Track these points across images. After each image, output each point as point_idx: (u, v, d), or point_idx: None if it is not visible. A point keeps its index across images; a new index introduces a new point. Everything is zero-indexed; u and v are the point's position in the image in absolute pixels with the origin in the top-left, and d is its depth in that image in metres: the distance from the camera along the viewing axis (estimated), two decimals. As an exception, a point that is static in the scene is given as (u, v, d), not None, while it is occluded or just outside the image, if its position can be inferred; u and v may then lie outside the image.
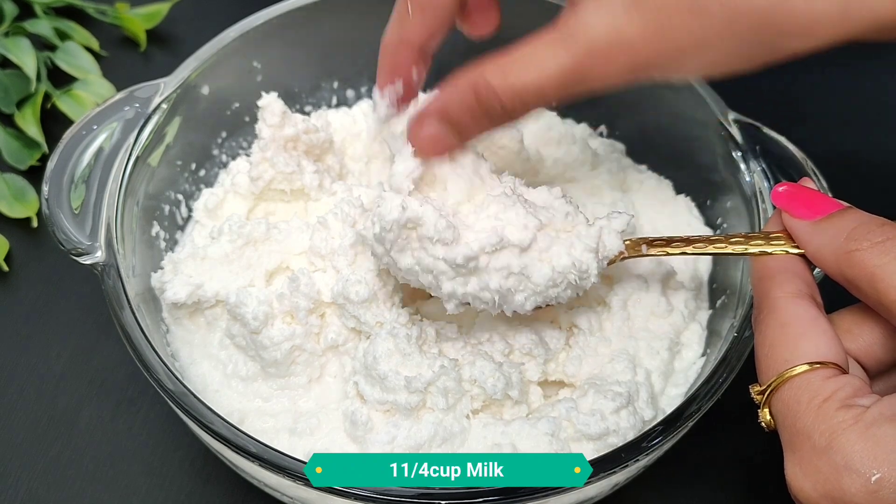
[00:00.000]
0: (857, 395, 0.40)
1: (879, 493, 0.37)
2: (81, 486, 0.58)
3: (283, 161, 0.58)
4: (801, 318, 0.43)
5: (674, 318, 0.57)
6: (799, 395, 0.41)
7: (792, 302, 0.43)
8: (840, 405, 0.39)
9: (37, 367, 0.63)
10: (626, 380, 0.53)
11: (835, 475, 0.38)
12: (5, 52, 0.72)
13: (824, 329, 0.42)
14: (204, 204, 0.62)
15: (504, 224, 0.47)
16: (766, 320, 0.44)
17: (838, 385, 0.40)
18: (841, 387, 0.40)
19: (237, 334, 0.54)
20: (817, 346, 0.42)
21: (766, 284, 0.45)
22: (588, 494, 0.50)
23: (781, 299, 0.44)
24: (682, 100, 0.61)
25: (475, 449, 0.51)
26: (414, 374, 0.51)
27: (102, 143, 0.56)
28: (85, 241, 0.53)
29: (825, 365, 0.41)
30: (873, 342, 0.44)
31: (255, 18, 0.63)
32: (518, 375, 0.53)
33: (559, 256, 0.48)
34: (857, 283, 0.41)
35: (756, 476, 0.60)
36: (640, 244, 0.51)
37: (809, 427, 0.40)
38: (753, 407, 0.59)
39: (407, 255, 0.48)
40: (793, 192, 0.46)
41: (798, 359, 0.41)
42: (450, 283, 0.48)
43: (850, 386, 0.40)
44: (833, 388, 0.40)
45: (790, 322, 0.43)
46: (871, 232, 0.41)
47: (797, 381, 0.41)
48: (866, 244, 0.41)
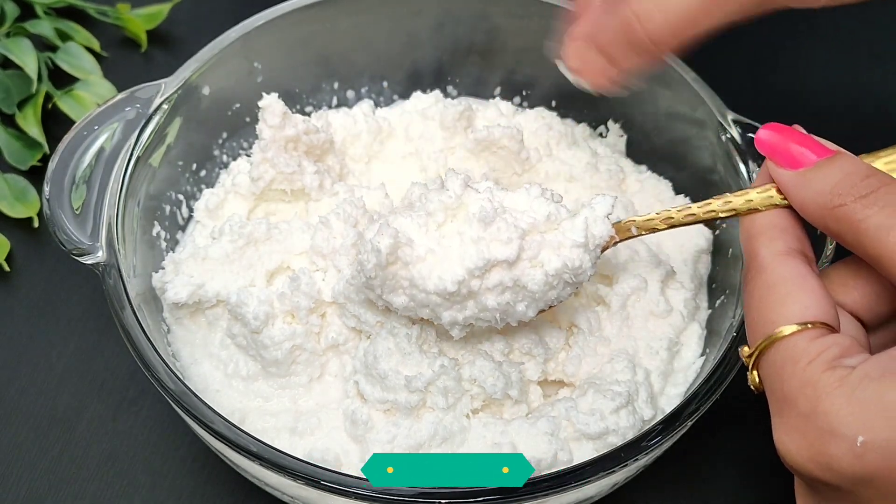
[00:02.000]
0: (845, 354, 0.39)
1: (865, 457, 0.37)
2: (82, 486, 0.58)
3: (284, 161, 0.59)
4: (789, 278, 0.42)
5: (673, 318, 0.57)
6: (785, 357, 0.40)
7: (779, 261, 0.42)
8: (826, 367, 0.38)
9: (38, 366, 0.63)
10: (626, 379, 0.53)
11: (820, 440, 0.38)
12: (6, 53, 0.72)
13: (812, 287, 0.41)
14: (205, 204, 0.62)
15: (488, 241, 0.47)
16: (753, 280, 0.43)
17: (825, 345, 0.39)
18: (828, 347, 0.39)
19: (238, 334, 0.55)
20: (805, 305, 0.41)
21: (754, 243, 0.44)
22: (588, 494, 0.51)
23: (769, 258, 0.43)
24: (682, 100, 0.61)
25: (475, 448, 0.51)
26: (414, 373, 0.51)
27: (103, 144, 0.56)
28: (86, 241, 0.53)
29: (813, 325, 0.40)
30: (869, 294, 0.43)
31: (256, 19, 0.63)
32: (518, 375, 0.53)
33: (550, 260, 0.48)
34: (843, 236, 0.41)
35: (756, 476, 0.60)
36: (629, 226, 0.50)
37: (795, 391, 0.39)
38: (753, 406, 0.60)
39: (399, 295, 0.48)
40: (776, 138, 0.44)
41: (785, 320, 0.40)
42: (448, 313, 0.48)
43: (836, 346, 0.39)
44: (819, 349, 0.39)
45: (777, 282, 0.42)
46: (854, 186, 0.40)
47: (784, 343, 0.40)
48: (850, 198, 0.40)
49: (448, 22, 0.67)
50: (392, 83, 0.70)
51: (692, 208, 0.48)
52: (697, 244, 0.61)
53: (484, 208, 0.47)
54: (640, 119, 0.66)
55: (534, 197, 0.49)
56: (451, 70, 0.70)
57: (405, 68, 0.69)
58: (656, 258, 0.58)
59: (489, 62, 0.69)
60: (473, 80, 0.70)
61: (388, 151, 0.65)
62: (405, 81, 0.70)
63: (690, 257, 0.60)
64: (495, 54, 0.69)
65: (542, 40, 0.58)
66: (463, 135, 0.63)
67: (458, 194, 0.47)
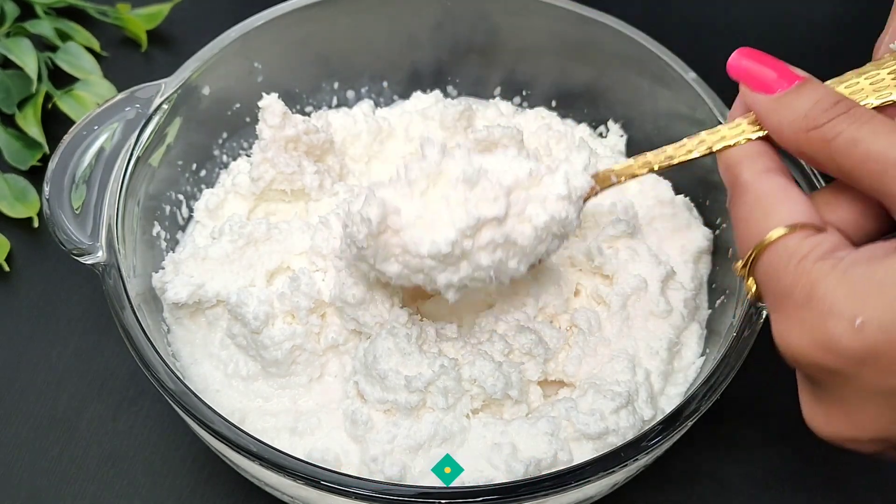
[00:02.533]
0: (836, 249, 0.40)
1: (865, 331, 0.37)
2: (83, 486, 0.58)
3: (284, 161, 0.59)
4: (773, 191, 0.43)
5: (673, 317, 0.57)
6: (777, 257, 0.41)
7: (762, 177, 0.44)
8: (818, 259, 0.40)
9: (38, 366, 0.63)
10: (626, 379, 0.53)
11: (820, 321, 0.38)
12: (6, 53, 0.72)
13: (797, 195, 0.43)
14: (205, 204, 0.62)
15: (475, 201, 0.47)
16: (738, 200, 0.44)
17: (816, 242, 0.40)
18: (819, 243, 0.40)
19: (238, 334, 0.55)
20: (791, 210, 0.42)
21: (735, 170, 0.45)
22: (588, 494, 0.51)
23: (751, 178, 0.44)
24: (682, 100, 0.61)
25: (475, 448, 0.51)
26: (414, 373, 0.51)
27: (103, 144, 0.56)
28: (86, 241, 0.53)
29: (801, 227, 0.41)
30: (854, 211, 0.44)
31: (256, 19, 0.63)
32: (518, 375, 0.53)
33: (537, 214, 0.48)
34: (816, 157, 0.42)
35: (757, 475, 0.60)
36: (608, 175, 0.50)
37: (790, 284, 0.40)
38: (754, 406, 0.59)
39: (392, 263, 0.48)
40: (749, 63, 0.45)
41: (774, 225, 0.41)
42: (443, 275, 0.48)
43: (827, 241, 0.40)
44: (811, 246, 0.40)
45: (761, 196, 0.43)
46: (826, 110, 0.42)
47: (775, 246, 0.41)
48: (823, 121, 0.42)
49: (448, 22, 0.67)
50: (392, 83, 0.70)
51: (667, 150, 0.49)
52: (698, 244, 0.61)
53: (466, 171, 0.47)
54: (640, 119, 0.66)
55: (511, 157, 0.49)
56: (450, 70, 0.70)
57: (405, 68, 0.69)
58: (656, 258, 0.58)
59: (489, 62, 0.69)
60: (473, 80, 0.70)
61: (388, 151, 0.65)
62: (405, 81, 0.70)
63: (690, 257, 0.60)
64: (495, 54, 0.69)
65: (542, 40, 0.58)
66: (463, 135, 0.63)
67: (437, 161, 0.47)
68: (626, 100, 0.66)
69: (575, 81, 0.68)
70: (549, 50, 0.67)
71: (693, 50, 0.60)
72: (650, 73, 0.63)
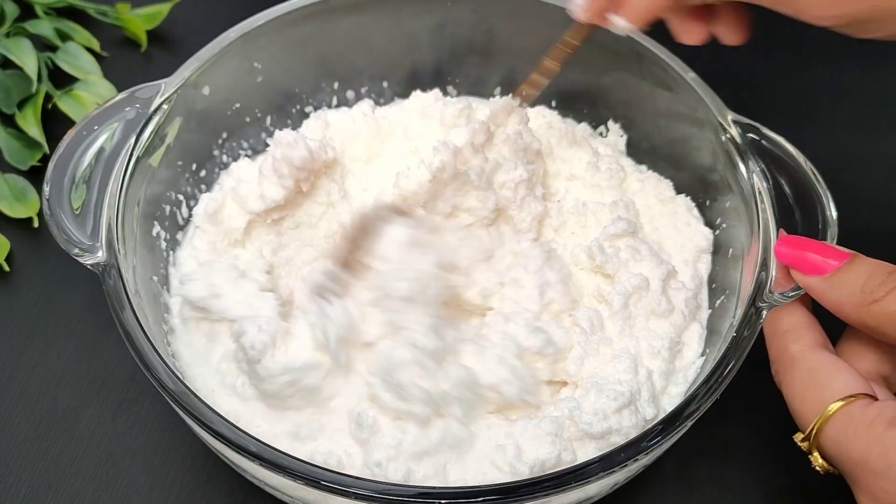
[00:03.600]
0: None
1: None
2: (82, 486, 0.58)
3: (293, 184, 0.59)
4: (825, 364, 0.46)
5: (675, 317, 0.57)
6: (844, 427, 0.43)
7: (812, 352, 0.46)
8: (887, 425, 0.41)
9: (38, 366, 0.63)
10: (628, 379, 0.53)
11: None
12: (6, 53, 0.72)
13: (846, 368, 0.45)
14: (204, 209, 0.61)
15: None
16: (790, 372, 0.46)
17: (878, 409, 0.42)
18: (882, 410, 0.42)
19: (241, 359, 0.54)
20: (846, 383, 0.44)
21: (782, 340, 0.48)
22: (589, 493, 0.51)
23: (800, 352, 0.47)
24: (682, 100, 0.61)
25: (481, 451, 0.51)
26: (434, 388, 0.51)
27: (103, 144, 0.56)
28: (86, 241, 0.53)
29: (857, 397, 0.43)
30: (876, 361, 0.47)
31: (256, 19, 0.63)
32: (533, 378, 0.53)
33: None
34: (882, 328, 0.44)
35: (757, 475, 0.60)
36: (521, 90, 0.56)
37: (864, 453, 0.42)
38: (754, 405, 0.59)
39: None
40: (795, 250, 0.48)
41: (833, 396, 0.44)
42: None
43: (889, 407, 0.42)
44: (875, 413, 0.42)
45: (815, 368, 0.46)
46: (882, 283, 0.44)
47: (838, 415, 0.43)
48: (881, 293, 0.44)
49: (448, 22, 0.67)
50: (392, 83, 0.70)
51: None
52: (698, 244, 0.61)
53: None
54: (640, 119, 0.66)
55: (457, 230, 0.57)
56: (450, 70, 0.70)
57: (405, 68, 0.69)
58: (657, 257, 0.58)
59: (488, 62, 0.69)
60: (473, 80, 0.70)
61: (388, 150, 0.65)
62: (405, 81, 0.70)
63: (691, 257, 0.60)
64: (495, 54, 0.69)
65: (542, 40, 0.58)
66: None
67: None
68: (626, 100, 0.66)
69: (575, 81, 0.68)
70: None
71: (693, 50, 0.60)
72: (650, 73, 0.63)
